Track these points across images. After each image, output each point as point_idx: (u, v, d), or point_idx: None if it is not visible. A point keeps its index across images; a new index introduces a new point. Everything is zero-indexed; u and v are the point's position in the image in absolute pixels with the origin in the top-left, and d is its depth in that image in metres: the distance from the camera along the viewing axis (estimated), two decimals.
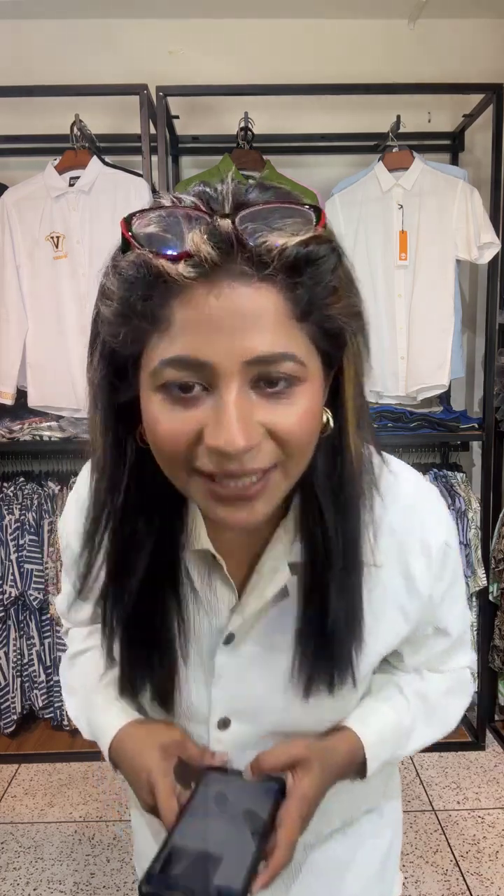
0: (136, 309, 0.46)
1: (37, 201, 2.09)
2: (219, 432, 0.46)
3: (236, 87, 2.11)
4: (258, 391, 0.48)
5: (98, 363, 0.52)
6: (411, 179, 2.14)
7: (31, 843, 1.91)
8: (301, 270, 0.46)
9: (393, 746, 0.68)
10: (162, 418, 0.48)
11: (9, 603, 2.24)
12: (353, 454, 0.55)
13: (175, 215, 0.46)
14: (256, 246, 0.44)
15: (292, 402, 0.48)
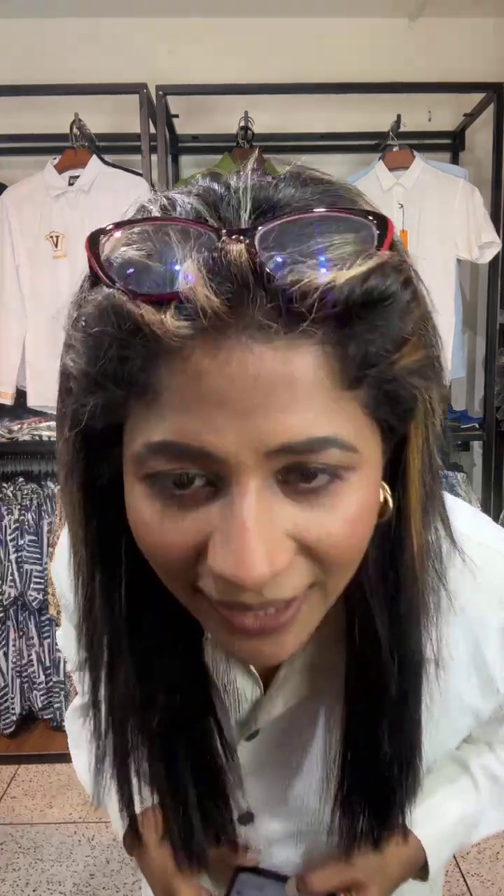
0: (108, 373, 0.32)
1: (36, 200, 2.09)
2: (228, 554, 0.32)
3: (236, 86, 2.10)
4: (287, 487, 0.34)
5: (70, 433, 0.37)
6: (412, 179, 2.13)
7: (31, 844, 1.90)
8: (356, 319, 0.31)
9: (457, 843, 0.58)
10: (151, 522, 0.35)
11: (8, 603, 2.23)
12: (416, 548, 0.41)
13: (166, 231, 0.32)
14: (286, 287, 0.29)
15: (337, 501, 0.34)
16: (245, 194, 0.33)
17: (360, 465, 0.35)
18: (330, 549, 0.35)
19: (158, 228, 0.32)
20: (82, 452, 0.38)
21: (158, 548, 0.36)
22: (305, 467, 0.33)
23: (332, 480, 0.34)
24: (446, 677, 0.47)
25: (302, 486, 0.34)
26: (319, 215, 0.32)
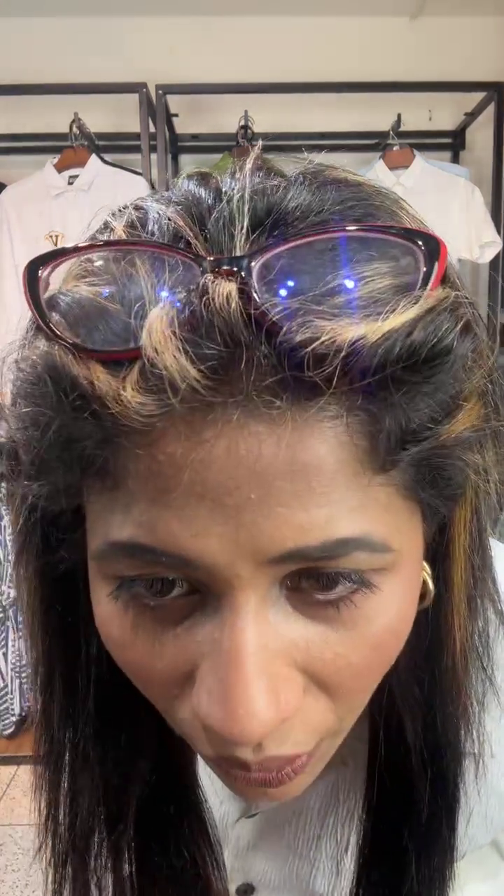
0: (52, 457, 0.24)
1: (36, 200, 2.09)
2: (218, 699, 0.24)
3: (236, 86, 2.10)
4: (297, 597, 0.25)
5: (20, 511, 0.29)
6: (412, 178, 2.13)
7: (31, 844, 1.89)
8: (395, 385, 0.22)
9: None
10: (122, 639, 0.27)
11: (8, 604, 2.23)
12: (458, 646, 0.32)
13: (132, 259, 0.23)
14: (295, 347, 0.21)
15: (363, 616, 0.25)
16: (242, 204, 0.24)
17: (396, 567, 0.26)
18: (350, 681, 0.26)
19: (123, 255, 0.23)
20: (35, 531, 0.29)
21: (138, 669, 0.27)
22: (322, 573, 0.24)
23: (359, 590, 0.25)
24: (485, 774, 0.37)
25: (318, 598, 0.25)
26: (345, 235, 0.23)
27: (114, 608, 0.26)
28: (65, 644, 0.32)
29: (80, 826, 0.36)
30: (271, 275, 0.22)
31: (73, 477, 0.24)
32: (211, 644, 0.25)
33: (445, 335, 0.23)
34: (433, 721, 0.33)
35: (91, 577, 0.28)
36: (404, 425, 0.23)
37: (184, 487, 0.23)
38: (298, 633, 0.25)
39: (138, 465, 0.23)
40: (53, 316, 0.23)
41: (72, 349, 0.22)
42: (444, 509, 0.28)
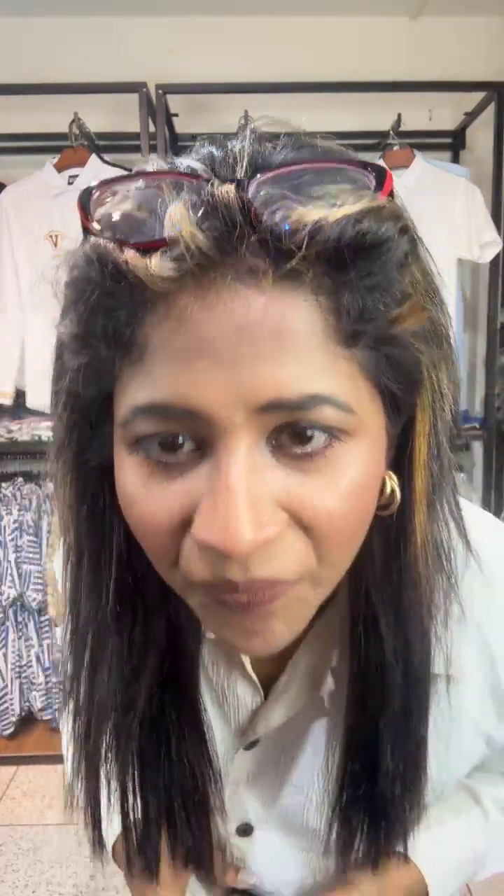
0: (95, 328, 0.31)
1: (35, 200, 2.08)
2: (212, 519, 0.30)
3: (236, 85, 2.09)
4: (280, 451, 0.31)
5: (62, 411, 0.36)
6: (412, 178, 2.13)
7: (30, 845, 1.90)
8: (350, 263, 0.29)
9: (462, 878, 0.54)
10: (137, 492, 0.33)
11: (7, 604, 2.22)
12: (420, 542, 0.38)
13: (159, 185, 0.30)
14: (276, 223, 0.28)
15: (333, 470, 0.31)
16: (242, 154, 0.31)
17: (358, 432, 0.32)
18: (325, 523, 0.32)
19: (151, 183, 0.31)
20: (74, 427, 0.36)
21: (144, 520, 0.33)
22: (298, 426, 0.31)
23: (329, 445, 0.31)
24: (457, 696, 0.44)
25: (296, 451, 0.31)
26: (315, 166, 0.30)
27: (132, 468, 0.33)
28: (93, 529, 0.38)
29: (97, 704, 0.42)
30: (261, 189, 0.29)
31: (110, 351, 0.31)
32: (208, 483, 0.31)
33: (388, 229, 0.30)
34: (403, 613, 0.39)
35: (117, 455, 0.34)
36: (360, 304, 0.30)
37: (192, 348, 0.29)
38: (280, 480, 0.31)
39: (157, 333, 0.30)
40: (98, 224, 0.31)
41: (112, 240, 0.30)
42: (405, 401, 0.35)
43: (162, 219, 0.29)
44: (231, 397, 0.29)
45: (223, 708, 0.49)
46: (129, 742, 0.44)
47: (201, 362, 0.29)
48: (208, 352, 0.29)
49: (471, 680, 0.45)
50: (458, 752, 0.47)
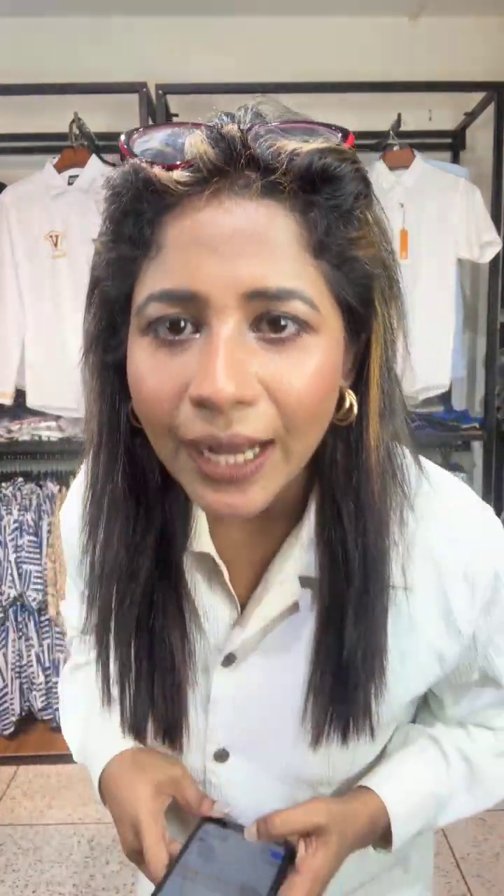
0: (125, 230, 0.40)
1: (36, 200, 2.09)
2: (202, 376, 0.37)
3: (236, 86, 2.09)
4: (259, 336, 0.39)
5: (94, 311, 0.45)
6: (412, 178, 2.13)
7: (30, 844, 1.90)
8: (317, 185, 0.38)
9: (424, 819, 0.58)
10: (145, 368, 0.40)
11: (7, 604, 2.23)
12: (373, 447, 0.45)
13: (178, 132, 0.40)
14: (264, 150, 0.37)
15: (300, 353, 0.39)
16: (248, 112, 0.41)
17: (322, 329, 0.40)
18: (290, 395, 0.39)
19: (175, 130, 0.40)
20: (100, 326, 0.45)
21: (150, 392, 0.41)
22: (274, 314, 0.39)
23: (298, 334, 0.39)
24: (412, 609, 0.51)
25: (271, 336, 0.39)
26: (297, 125, 0.40)
27: (143, 347, 0.41)
28: (109, 422, 0.47)
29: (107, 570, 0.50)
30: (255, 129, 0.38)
31: (134, 248, 0.40)
32: (202, 353, 0.39)
33: (346, 166, 0.40)
34: (361, 507, 0.47)
35: (131, 337, 0.43)
36: (325, 222, 0.39)
37: (198, 243, 0.38)
38: (258, 358, 0.39)
39: (172, 232, 0.39)
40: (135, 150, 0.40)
41: (145, 163, 0.39)
42: (361, 319, 0.43)
43: (182, 147, 0.38)
44: (225, 284, 0.38)
45: (203, 627, 0.54)
46: (131, 607, 0.50)
47: (204, 255, 0.38)
48: (210, 246, 0.38)
49: (423, 596, 0.51)
50: (414, 665, 0.53)
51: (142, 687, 0.52)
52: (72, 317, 2.08)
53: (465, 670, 0.56)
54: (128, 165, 0.40)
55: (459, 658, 0.54)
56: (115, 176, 0.41)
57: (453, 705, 0.60)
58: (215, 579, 0.53)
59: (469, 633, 0.52)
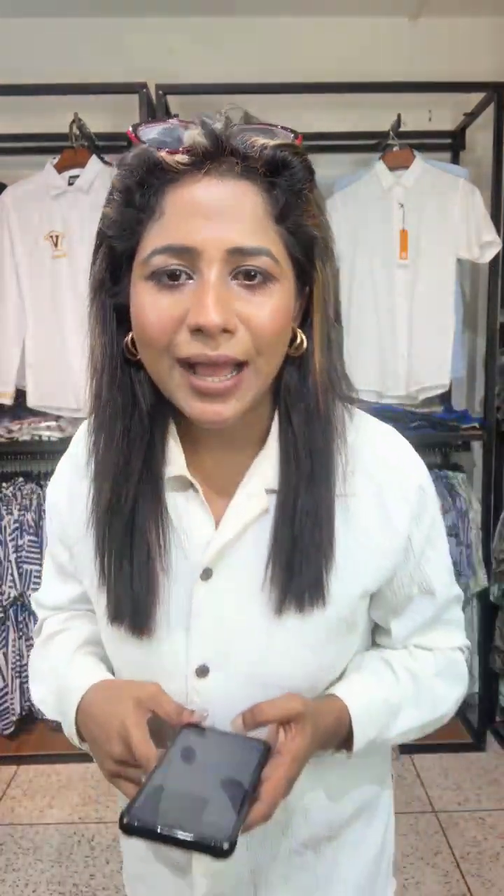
0: (134, 199, 0.53)
1: (36, 200, 2.09)
2: (199, 310, 0.51)
3: (236, 86, 2.10)
4: (237, 282, 0.53)
5: (99, 263, 0.58)
6: (412, 178, 2.13)
7: (31, 844, 1.90)
8: (278, 171, 0.52)
9: (380, 723, 0.65)
10: (148, 304, 0.53)
11: (8, 604, 2.23)
12: (318, 371, 0.59)
13: (176, 126, 0.52)
14: (242, 143, 0.51)
15: (266, 296, 0.53)
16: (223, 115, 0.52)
17: (281, 278, 0.54)
18: (260, 326, 0.53)
19: (171, 124, 0.53)
20: (105, 275, 0.58)
21: (154, 319, 0.53)
22: (248, 267, 0.52)
23: (265, 282, 0.53)
24: (357, 511, 0.62)
25: (245, 282, 0.53)
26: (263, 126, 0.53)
27: (146, 290, 0.54)
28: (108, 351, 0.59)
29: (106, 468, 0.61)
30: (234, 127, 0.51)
31: (141, 213, 0.53)
32: (196, 292, 0.52)
33: (297, 159, 0.53)
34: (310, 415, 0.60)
35: (134, 282, 0.55)
36: (284, 198, 0.53)
37: (192, 210, 0.51)
38: (236, 299, 0.53)
39: (172, 200, 0.52)
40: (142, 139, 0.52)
41: (153, 148, 0.51)
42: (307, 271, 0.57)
43: (181, 140, 0.51)
44: (213, 241, 0.51)
45: (184, 546, 0.63)
46: (124, 503, 0.61)
47: (198, 219, 0.51)
48: (202, 213, 0.51)
49: (366, 503, 0.63)
50: (360, 557, 0.63)
51: (123, 574, 0.62)
52: (72, 317, 2.08)
53: (405, 582, 0.66)
54: (139, 149, 0.52)
55: (397, 558, 0.64)
56: (129, 156, 0.53)
57: (398, 622, 0.69)
58: (193, 500, 0.63)
59: (404, 534, 0.64)
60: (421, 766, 2.22)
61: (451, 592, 0.71)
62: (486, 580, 2.25)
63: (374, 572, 0.64)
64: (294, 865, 0.68)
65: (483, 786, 2.12)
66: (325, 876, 0.70)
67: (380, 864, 0.76)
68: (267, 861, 0.67)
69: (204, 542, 0.62)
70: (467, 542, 2.23)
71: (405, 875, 1.76)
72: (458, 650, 0.73)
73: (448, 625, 0.72)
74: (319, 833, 0.69)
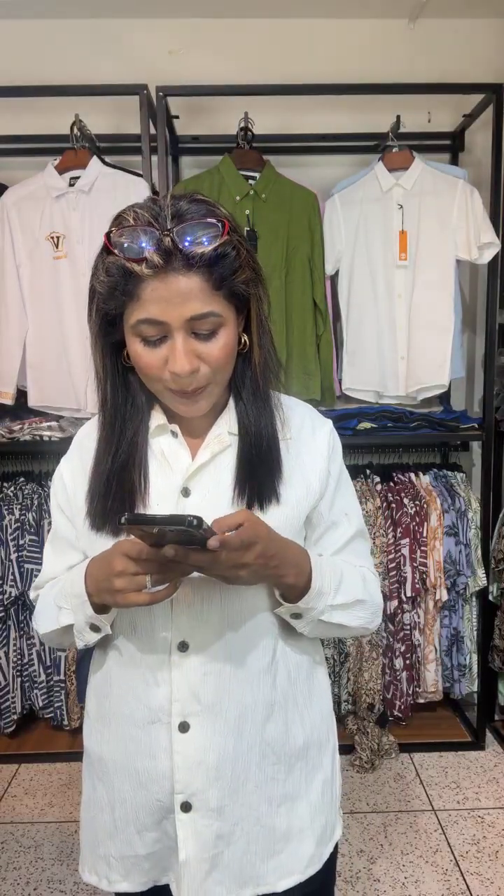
0: (118, 288, 0.74)
1: (37, 201, 2.09)
2: (173, 362, 0.75)
3: (236, 87, 2.11)
4: (194, 336, 0.76)
5: (94, 316, 0.79)
6: (411, 179, 2.14)
7: (32, 842, 1.91)
8: (216, 262, 0.73)
9: (330, 579, 0.84)
10: (142, 354, 0.77)
11: (9, 603, 2.24)
12: (256, 357, 0.83)
13: (136, 231, 0.72)
14: (188, 252, 0.71)
15: (216, 339, 0.76)
16: (167, 211, 0.73)
17: (226, 325, 0.77)
18: (215, 361, 0.77)
19: (132, 229, 0.72)
20: (101, 325, 0.79)
21: (147, 364, 0.77)
22: (202, 325, 0.75)
23: (214, 332, 0.76)
24: (295, 448, 0.87)
25: (202, 334, 0.76)
26: (198, 221, 0.73)
27: (139, 345, 0.77)
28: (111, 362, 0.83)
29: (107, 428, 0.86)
30: (180, 235, 0.72)
31: (123, 298, 0.74)
32: (170, 349, 0.76)
33: (230, 249, 0.75)
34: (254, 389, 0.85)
35: (127, 337, 0.78)
36: (221, 274, 0.74)
37: (161, 298, 0.73)
38: (196, 347, 0.76)
39: (146, 291, 0.73)
40: (116, 249, 0.73)
41: (125, 259, 0.72)
42: (243, 304, 0.80)
43: (142, 250, 0.71)
44: (176, 316, 0.73)
45: (173, 468, 0.85)
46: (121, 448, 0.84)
47: (164, 303, 0.73)
48: (166, 299, 0.73)
49: (300, 443, 0.88)
50: (300, 477, 0.86)
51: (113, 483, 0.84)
52: (72, 317, 2.08)
53: (327, 507, 0.89)
54: (115, 260, 0.73)
55: (323, 488, 0.88)
56: (110, 265, 0.73)
57: (324, 545, 0.91)
58: (175, 441, 0.87)
59: (325, 465, 0.89)
60: (420, 764, 2.23)
61: (361, 523, 0.94)
62: (485, 580, 2.26)
63: (309, 484, 0.87)
64: (267, 776, 0.86)
65: (482, 784, 2.13)
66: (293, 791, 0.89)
67: (333, 787, 0.95)
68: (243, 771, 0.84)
69: (184, 468, 0.85)
70: (466, 541, 2.24)
71: (404, 873, 1.77)
72: (370, 572, 0.94)
73: (359, 552, 0.94)
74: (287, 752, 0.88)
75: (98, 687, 0.91)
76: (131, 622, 0.85)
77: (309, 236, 2.15)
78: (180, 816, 0.83)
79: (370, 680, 2.25)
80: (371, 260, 2.18)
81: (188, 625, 0.82)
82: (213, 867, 0.84)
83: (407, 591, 2.22)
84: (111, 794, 0.88)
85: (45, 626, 0.89)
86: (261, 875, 0.86)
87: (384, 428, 2.21)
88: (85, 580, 0.81)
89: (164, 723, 0.83)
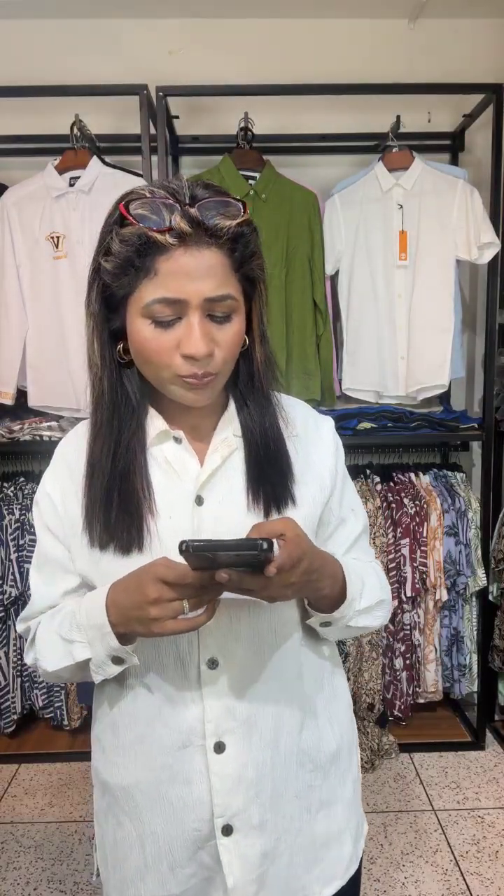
0: (134, 263, 0.70)
1: (37, 201, 2.09)
2: (189, 343, 0.70)
3: (236, 87, 2.11)
4: (210, 319, 0.72)
5: (96, 300, 0.76)
6: (411, 179, 2.14)
7: (32, 842, 1.91)
8: (237, 239, 0.71)
9: (355, 585, 0.82)
10: (150, 338, 0.72)
11: (9, 603, 2.24)
12: (258, 356, 0.81)
13: (157, 203, 0.69)
14: (213, 225, 0.69)
15: (230, 325, 0.73)
16: (185, 190, 0.70)
17: (238, 311, 0.74)
18: (228, 347, 0.74)
19: (153, 201, 0.69)
20: (101, 310, 0.76)
21: (157, 348, 0.72)
22: (217, 309, 0.72)
23: (229, 316, 0.73)
24: (304, 447, 0.85)
25: (218, 318, 0.72)
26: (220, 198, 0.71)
27: (146, 326, 0.72)
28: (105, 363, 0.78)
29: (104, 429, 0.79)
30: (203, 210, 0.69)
31: (139, 273, 0.70)
32: (186, 330, 0.71)
33: (250, 228, 0.73)
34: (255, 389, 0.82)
35: (133, 323, 0.73)
36: (241, 256, 0.73)
37: (180, 273, 0.69)
38: (212, 330, 0.72)
39: (164, 265, 0.69)
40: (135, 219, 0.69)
41: (147, 228, 0.68)
42: (251, 297, 0.78)
43: (165, 219, 0.68)
44: (195, 293, 0.69)
45: (182, 477, 0.80)
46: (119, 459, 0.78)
47: (184, 279, 0.69)
48: (187, 274, 0.69)
49: (308, 442, 0.86)
50: (310, 475, 0.84)
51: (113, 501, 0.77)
52: (72, 317, 2.08)
53: (336, 505, 0.87)
54: (136, 229, 0.68)
55: (333, 484, 0.86)
56: (128, 234, 0.69)
57: (334, 543, 0.88)
58: (180, 448, 0.82)
59: (332, 462, 0.87)
60: (420, 764, 2.23)
61: (366, 518, 0.93)
62: (485, 579, 2.26)
63: (321, 481, 0.85)
64: (305, 784, 0.84)
65: (482, 784, 2.13)
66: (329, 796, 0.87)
67: (358, 784, 0.94)
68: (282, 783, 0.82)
69: (194, 476, 0.80)
70: (466, 541, 2.24)
71: (405, 873, 1.77)
72: (380, 568, 0.93)
73: (366, 549, 0.93)
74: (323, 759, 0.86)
75: (112, 717, 0.84)
76: (154, 644, 0.78)
77: (309, 236, 2.16)
78: (222, 841, 0.79)
79: (370, 680, 2.25)
80: (371, 260, 2.18)
81: (217, 642, 0.78)
82: (259, 888, 0.80)
83: (407, 591, 2.22)
84: (140, 829, 0.81)
85: (55, 664, 0.79)
86: (306, 885, 0.84)
87: (384, 428, 2.21)
88: (107, 609, 0.73)
89: (197, 745, 0.78)
